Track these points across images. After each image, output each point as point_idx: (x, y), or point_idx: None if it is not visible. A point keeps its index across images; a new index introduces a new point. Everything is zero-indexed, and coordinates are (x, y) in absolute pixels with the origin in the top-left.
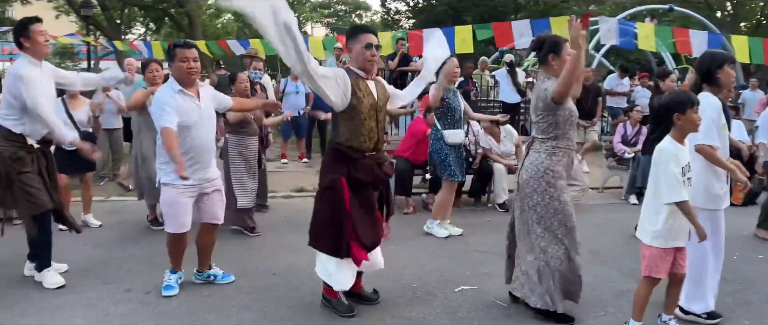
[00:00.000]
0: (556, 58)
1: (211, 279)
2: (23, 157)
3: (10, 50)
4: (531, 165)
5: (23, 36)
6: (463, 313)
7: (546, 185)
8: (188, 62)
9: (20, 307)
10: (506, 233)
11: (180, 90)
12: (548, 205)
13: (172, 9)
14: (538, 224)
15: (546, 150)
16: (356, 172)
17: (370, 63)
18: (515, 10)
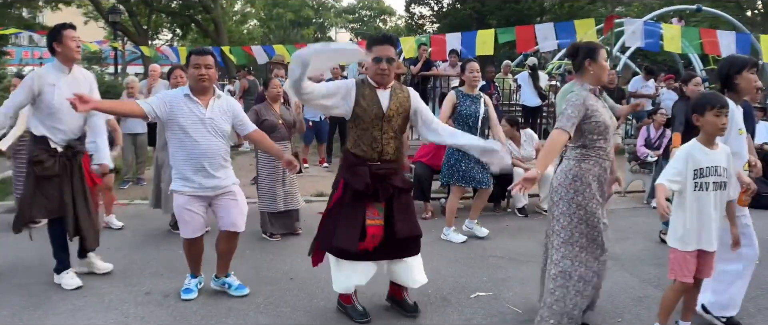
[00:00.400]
0: (593, 63)
1: (225, 288)
2: (43, 160)
3: (41, 55)
4: (560, 172)
5: (56, 40)
6: (478, 319)
7: (573, 192)
8: (200, 69)
9: (43, 309)
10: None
11: (187, 94)
12: (574, 213)
13: (199, 15)
14: (559, 234)
15: (575, 157)
16: (351, 178)
17: (379, 77)
18: (540, 13)
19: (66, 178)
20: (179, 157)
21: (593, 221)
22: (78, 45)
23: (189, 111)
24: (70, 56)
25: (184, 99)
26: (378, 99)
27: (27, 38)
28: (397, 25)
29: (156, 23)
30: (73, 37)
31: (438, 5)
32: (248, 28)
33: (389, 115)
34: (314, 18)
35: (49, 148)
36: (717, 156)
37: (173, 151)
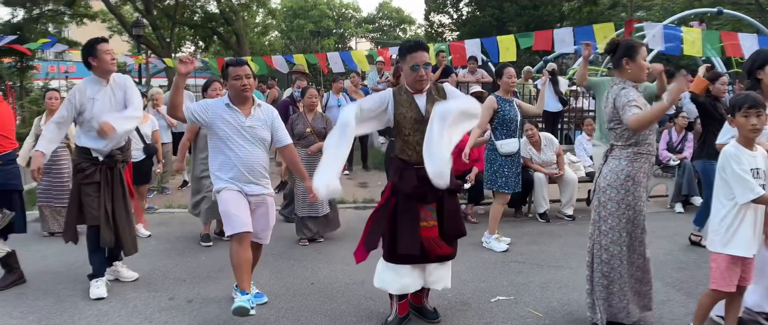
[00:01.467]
0: (631, 62)
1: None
2: (85, 168)
3: (66, 69)
4: (610, 172)
5: (91, 55)
6: (498, 323)
7: (625, 193)
8: (241, 80)
9: (69, 313)
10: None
11: (227, 103)
12: (623, 214)
13: (221, 28)
14: (607, 234)
15: (627, 156)
16: (400, 182)
17: (419, 83)
18: (560, 19)
19: (106, 187)
20: (217, 162)
21: (639, 220)
22: (113, 58)
23: (229, 119)
24: (106, 69)
25: (225, 108)
26: (416, 104)
27: (52, 53)
28: (417, 34)
29: (179, 36)
30: (107, 51)
31: (457, 13)
32: (269, 39)
33: (428, 118)
34: (334, 28)
35: (92, 158)
36: (757, 159)
37: (213, 157)
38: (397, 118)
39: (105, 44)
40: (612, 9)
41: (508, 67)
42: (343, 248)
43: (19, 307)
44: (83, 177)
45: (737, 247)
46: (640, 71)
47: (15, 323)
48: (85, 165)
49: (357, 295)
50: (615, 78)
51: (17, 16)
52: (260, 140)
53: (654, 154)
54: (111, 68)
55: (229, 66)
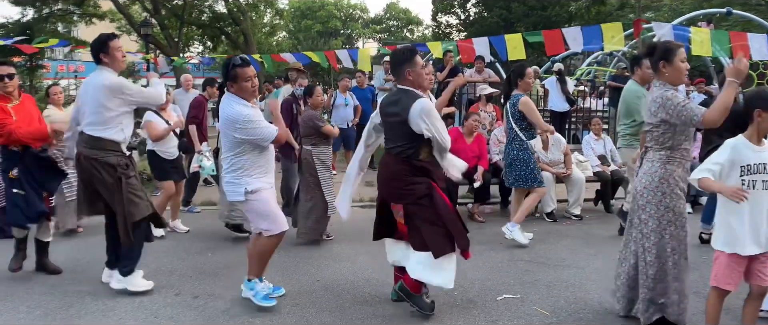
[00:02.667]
0: (668, 65)
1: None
2: (125, 164)
3: (76, 68)
4: (645, 175)
5: (102, 52)
6: (504, 322)
7: (661, 195)
8: (251, 81)
9: (76, 308)
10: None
11: (248, 104)
12: (662, 216)
13: (229, 28)
14: (649, 237)
15: (660, 159)
16: (437, 180)
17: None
18: (568, 19)
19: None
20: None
21: (681, 222)
22: (123, 54)
23: None
24: (117, 66)
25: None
26: None
27: (62, 52)
28: (425, 35)
29: (187, 36)
30: (118, 48)
31: (465, 14)
32: (277, 39)
33: None
34: (342, 29)
35: (122, 152)
36: (763, 154)
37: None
38: None
39: (116, 41)
40: (620, 10)
41: (529, 68)
42: (348, 246)
43: (26, 302)
44: (123, 171)
45: (734, 245)
46: (678, 74)
47: (22, 318)
48: (123, 161)
49: (362, 292)
50: (655, 81)
51: (27, 15)
52: None
53: (689, 160)
54: (121, 65)
55: (237, 67)
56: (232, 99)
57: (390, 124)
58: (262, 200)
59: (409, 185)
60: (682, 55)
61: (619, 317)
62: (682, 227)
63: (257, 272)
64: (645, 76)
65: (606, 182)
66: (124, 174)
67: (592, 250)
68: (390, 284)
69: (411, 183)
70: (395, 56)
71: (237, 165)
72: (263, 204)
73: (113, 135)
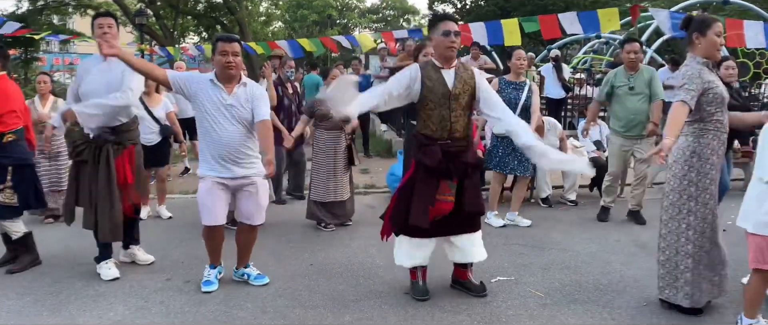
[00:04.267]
0: (701, 37)
1: (245, 278)
2: (78, 145)
3: (71, 61)
4: (677, 149)
5: (92, 29)
6: (498, 303)
7: (688, 168)
8: (226, 56)
9: (65, 294)
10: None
11: (211, 79)
12: (684, 190)
13: (224, 17)
14: (667, 210)
15: (693, 132)
16: (424, 157)
17: (449, 50)
18: (564, 8)
19: (94, 166)
20: (204, 143)
21: (704, 198)
22: (104, 31)
23: (212, 96)
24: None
25: (209, 83)
26: (443, 79)
27: (57, 45)
28: (421, 24)
29: (182, 26)
30: (99, 24)
31: (461, 2)
32: (273, 29)
33: (455, 94)
34: (338, 19)
35: (83, 134)
36: None
37: (200, 136)
38: (424, 93)
39: (99, 18)
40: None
41: (517, 50)
42: (341, 230)
43: (15, 288)
44: (75, 154)
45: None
46: (712, 47)
47: (11, 304)
48: (78, 142)
49: (356, 275)
50: (688, 54)
51: (22, 7)
52: (241, 120)
53: (724, 131)
54: (101, 40)
55: (219, 41)
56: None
57: None
58: (199, 189)
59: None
60: (717, 28)
61: (615, 298)
62: (704, 204)
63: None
64: (624, 60)
65: (601, 167)
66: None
67: (587, 234)
68: (383, 266)
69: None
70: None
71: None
72: (199, 194)
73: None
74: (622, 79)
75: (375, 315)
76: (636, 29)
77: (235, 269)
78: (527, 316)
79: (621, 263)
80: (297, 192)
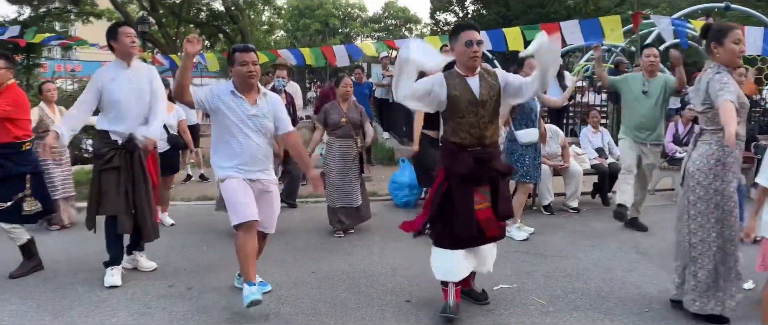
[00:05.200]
0: (718, 46)
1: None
2: (105, 153)
3: (73, 68)
4: (700, 157)
5: (112, 38)
6: (501, 310)
7: (713, 177)
8: (247, 66)
9: (68, 300)
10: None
11: (232, 91)
12: (711, 199)
13: (226, 26)
14: (695, 219)
15: (718, 141)
16: (454, 165)
17: (473, 60)
18: (567, 17)
19: (127, 172)
20: (223, 152)
21: (729, 206)
22: (133, 41)
23: (234, 107)
24: (127, 52)
25: (230, 95)
26: (469, 86)
27: (59, 51)
28: (423, 33)
29: (185, 34)
30: (128, 34)
31: (463, 11)
32: (275, 38)
33: (482, 100)
34: (340, 27)
35: (111, 141)
36: None
37: (216, 145)
38: (451, 102)
39: (125, 27)
40: (618, 6)
41: (529, 58)
42: (345, 238)
43: (18, 293)
44: (103, 163)
45: None
46: (730, 55)
47: (14, 309)
48: (104, 149)
49: (358, 282)
50: (708, 62)
51: (24, 14)
52: (266, 130)
53: (743, 140)
54: (131, 51)
55: (236, 52)
56: (227, 82)
57: None
58: (227, 188)
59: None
60: (734, 36)
61: (617, 305)
62: (730, 211)
63: (244, 274)
64: (643, 65)
65: (603, 174)
66: (104, 168)
67: (589, 241)
68: (384, 274)
69: (438, 159)
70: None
71: (216, 149)
72: (227, 192)
73: (103, 125)
74: (638, 83)
75: (377, 323)
76: (638, 37)
77: (239, 276)
78: (530, 324)
79: (623, 270)
80: (290, 199)
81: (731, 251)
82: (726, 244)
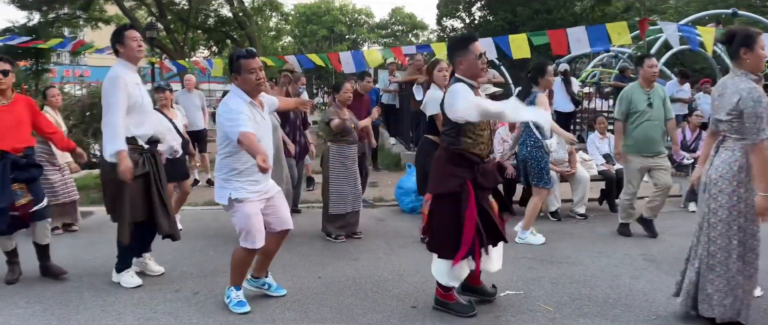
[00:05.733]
0: (749, 51)
1: (265, 288)
2: (136, 159)
3: (81, 73)
4: (722, 164)
5: (118, 42)
6: (508, 317)
7: (736, 185)
8: (256, 73)
9: (74, 304)
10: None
11: (250, 101)
12: (734, 207)
13: (234, 32)
14: (715, 227)
15: (742, 148)
16: (480, 177)
17: (483, 71)
18: (574, 23)
19: (156, 175)
20: (244, 163)
21: (752, 214)
22: (140, 44)
23: (254, 117)
24: (133, 56)
25: (250, 106)
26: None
27: (68, 56)
28: (429, 39)
29: (192, 40)
30: (134, 37)
31: (470, 18)
32: (283, 44)
33: None
34: (347, 34)
35: (138, 146)
36: None
37: (236, 157)
38: None
39: (132, 31)
40: (625, 12)
41: (548, 66)
42: (350, 243)
43: (25, 297)
44: (136, 169)
45: None
46: (759, 61)
47: (21, 312)
48: (134, 156)
49: (364, 288)
50: (734, 69)
51: (33, 19)
52: (274, 127)
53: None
54: (138, 55)
55: (241, 58)
56: (233, 91)
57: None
58: (244, 212)
59: (443, 175)
60: (762, 41)
61: (624, 312)
62: (753, 220)
63: (233, 280)
64: (646, 75)
65: (611, 180)
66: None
67: (596, 248)
68: (390, 280)
69: (447, 173)
70: (448, 43)
71: (226, 166)
72: (245, 218)
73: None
74: (641, 96)
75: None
76: (645, 43)
77: (254, 278)
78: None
79: (630, 277)
80: (293, 205)
81: (752, 260)
82: (747, 253)
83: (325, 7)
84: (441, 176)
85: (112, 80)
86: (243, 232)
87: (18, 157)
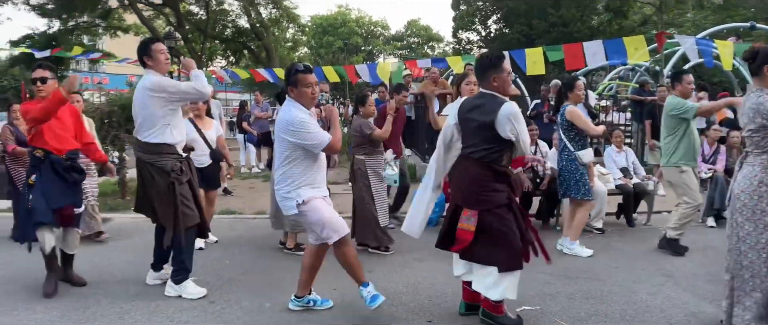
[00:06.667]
0: None
1: (311, 305)
2: (181, 167)
3: (100, 80)
4: (744, 179)
5: (146, 55)
6: None
7: (758, 199)
8: (312, 87)
9: (92, 311)
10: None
11: (310, 113)
12: (759, 220)
13: (251, 42)
14: (745, 240)
15: (761, 163)
16: (516, 192)
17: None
18: (590, 36)
19: (193, 179)
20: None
21: None
22: (167, 57)
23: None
24: (161, 68)
25: (311, 118)
26: None
27: (87, 64)
28: (445, 51)
29: (210, 50)
30: (161, 50)
31: (486, 30)
32: (299, 55)
33: None
34: (363, 45)
35: (177, 154)
36: None
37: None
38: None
39: (158, 44)
40: (642, 26)
41: (578, 80)
42: (365, 256)
43: (42, 302)
44: (176, 177)
45: None
46: None
47: (38, 318)
48: (177, 164)
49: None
50: (752, 85)
51: (53, 27)
52: None
53: None
54: (165, 66)
55: (299, 73)
56: (291, 104)
57: (472, 129)
58: (315, 208)
59: (489, 191)
60: None
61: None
62: None
63: (356, 279)
64: (685, 91)
65: (628, 195)
66: (177, 180)
67: (614, 263)
68: (405, 292)
69: (492, 189)
70: (481, 61)
71: (288, 176)
72: (318, 212)
73: (166, 138)
74: None
75: None
76: (662, 56)
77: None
78: None
79: (647, 293)
80: None
81: None
82: None
83: (342, 18)
84: (489, 191)
85: (156, 81)
86: (323, 228)
87: (60, 158)
